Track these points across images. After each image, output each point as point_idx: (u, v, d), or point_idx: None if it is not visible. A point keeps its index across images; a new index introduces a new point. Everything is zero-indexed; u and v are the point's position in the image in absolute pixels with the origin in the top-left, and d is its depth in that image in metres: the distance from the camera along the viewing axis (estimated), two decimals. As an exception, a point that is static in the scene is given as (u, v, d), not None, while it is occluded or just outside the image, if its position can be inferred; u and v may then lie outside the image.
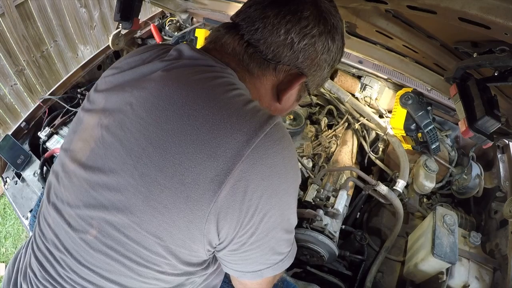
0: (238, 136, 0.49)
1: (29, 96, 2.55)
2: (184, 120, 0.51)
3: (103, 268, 0.57)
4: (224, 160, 0.49)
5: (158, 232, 0.52)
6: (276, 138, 0.52)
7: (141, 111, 0.54)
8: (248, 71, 0.62)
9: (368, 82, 1.51)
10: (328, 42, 0.63)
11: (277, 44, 0.59)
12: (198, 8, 1.82)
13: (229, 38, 0.62)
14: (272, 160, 0.51)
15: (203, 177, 0.49)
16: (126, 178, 0.52)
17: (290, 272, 1.16)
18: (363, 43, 1.20)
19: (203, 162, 0.49)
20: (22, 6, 2.21)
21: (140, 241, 0.54)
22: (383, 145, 1.50)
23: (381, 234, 1.32)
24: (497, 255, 1.08)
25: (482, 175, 1.30)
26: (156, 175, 0.50)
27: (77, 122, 0.65)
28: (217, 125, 0.50)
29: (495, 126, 0.73)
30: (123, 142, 0.53)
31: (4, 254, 2.23)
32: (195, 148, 0.49)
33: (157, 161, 0.50)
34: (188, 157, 0.49)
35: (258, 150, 0.50)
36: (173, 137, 0.50)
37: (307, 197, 1.18)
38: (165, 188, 0.50)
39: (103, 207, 0.54)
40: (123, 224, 0.53)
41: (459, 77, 0.79)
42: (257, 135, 0.50)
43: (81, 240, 0.57)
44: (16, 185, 1.35)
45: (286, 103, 0.69)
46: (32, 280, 0.63)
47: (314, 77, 0.67)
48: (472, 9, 0.58)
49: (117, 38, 1.66)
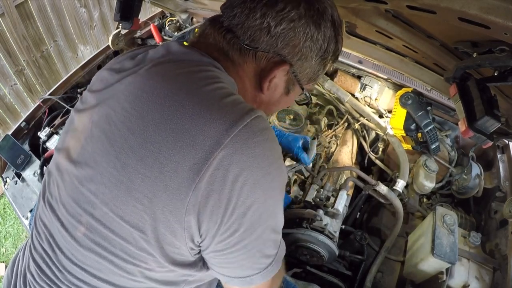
0: (218, 125, 0.49)
1: (29, 96, 2.54)
2: (165, 110, 0.51)
3: (94, 267, 0.57)
4: (203, 149, 0.48)
5: (140, 224, 0.51)
6: (257, 130, 0.51)
7: (125, 104, 0.54)
8: (230, 59, 0.61)
9: (368, 82, 1.51)
10: (310, 28, 0.58)
11: (254, 28, 0.58)
12: (198, 8, 1.82)
13: (211, 28, 0.62)
14: (252, 150, 0.49)
15: (182, 166, 0.48)
16: (109, 170, 0.52)
17: (290, 272, 1.16)
18: (363, 43, 1.20)
19: (182, 151, 0.48)
20: (22, 6, 2.20)
21: (125, 236, 0.53)
22: (383, 145, 1.50)
23: (381, 234, 1.32)
24: (497, 255, 1.08)
25: (482, 175, 1.30)
26: (136, 164, 0.50)
27: (70, 122, 0.65)
28: (197, 115, 0.50)
29: (495, 126, 0.73)
30: (108, 135, 0.54)
31: (4, 254, 2.23)
32: (174, 136, 0.49)
33: (138, 151, 0.50)
34: (168, 145, 0.49)
35: (238, 139, 0.49)
36: (153, 126, 0.51)
37: (307, 197, 1.18)
38: (146, 177, 0.50)
39: (90, 202, 0.54)
40: (108, 218, 0.53)
41: (458, 77, 0.79)
42: (237, 125, 0.49)
43: (72, 239, 0.56)
44: (16, 185, 1.35)
45: (271, 94, 0.66)
46: (31, 282, 0.63)
47: (302, 68, 0.63)
48: (472, 9, 0.58)
49: (117, 38, 1.66)
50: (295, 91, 0.69)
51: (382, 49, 1.19)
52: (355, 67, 1.52)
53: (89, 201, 0.54)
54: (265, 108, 0.70)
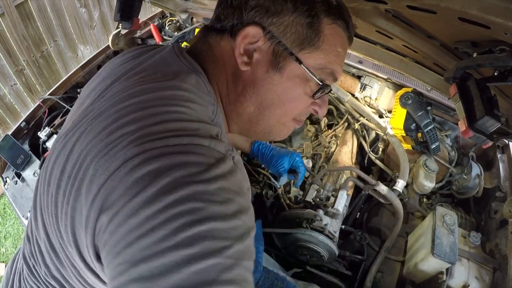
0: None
1: (29, 96, 2.55)
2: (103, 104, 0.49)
3: (62, 276, 0.54)
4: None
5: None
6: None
7: (88, 100, 0.56)
8: (212, 53, 0.59)
9: (368, 82, 1.51)
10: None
11: (222, 10, 0.57)
12: (198, 8, 1.81)
13: (201, 32, 0.63)
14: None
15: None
16: (55, 173, 0.50)
17: (290, 272, 1.16)
18: (363, 43, 1.20)
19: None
20: (22, 6, 2.21)
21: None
22: (383, 145, 1.50)
23: (381, 234, 1.32)
24: (497, 255, 1.08)
25: (482, 175, 1.30)
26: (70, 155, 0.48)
27: (65, 123, 0.66)
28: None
29: (495, 126, 0.73)
30: (66, 134, 0.52)
31: (4, 254, 2.23)
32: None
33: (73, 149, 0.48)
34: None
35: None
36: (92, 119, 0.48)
37: (307, 197, 1.18)
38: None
39: (49, 209, 0.51)
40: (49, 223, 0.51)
41: (458, 77, 0.79)
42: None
43: (40, 240, 0.55)
44: (16, 185, 1.35)
45: (254, 72, 0.56)
46: (23, 280, 0.63)
47: (280, 28, 0.52)
48: (472, 9, 0.58)
49: (117, 38, 1.66)
50: (290, 67, 0.55)
51: (382, 49, 1.19)
52: (355, 67, 1.52)
53: (48, 206, 0.51)
54: (252, 90, 0.57)
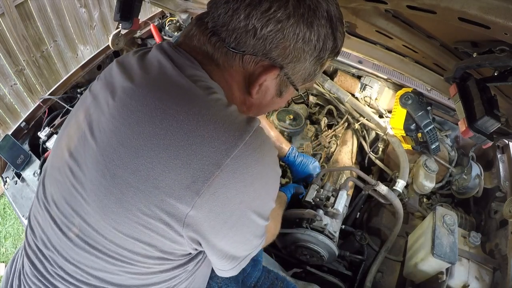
0: (216, 145, 0.48)
1: (29, 96, 2.54)
2: (156, 124, 0.49)
3: (88, 265, 0.57)
4: (200, 168, 0.48)
5: (135, 234, 0.52)
6: (256, 146, 0.50)
7: (114, 111, 0.53)
8: (215, 63, 0.57)
9: (368, 82, 1.51)
10: (301, 28, 0.53)
11: (239, 31, 0.53)
12: (198, 8, 1.81)
13: (196, 29, 0.58)
14: (253, 168, 0.50)
15: (178, 183, 0.48)
16: (98, 178, 0.52)
17: (290, 272, 1.16)
18: (363, 43, 1.20)
19: (178, 169, 0.48)
20: (22, 6, 2.20)
21: (120, 243, 0.53)
22: (383, 145, 1.50)
23: (381, 234, 1.32)
24: (497, 255, 1.08)
25: (482, 175, 1.30)
26: (128, 177, 0.50)
27: (67, 120, 0.65)
28: (192, 132, 0.48)
29: (494, 126, 0.73)
30: (98, 141, 0.53)
31: (4, 254, 2.23)
32: (168, 154, 0.48)
33: (129, 164, 0.50)
34: (162, 162, 0.48)
35: (238, 160, 0.48)
36: (145, 140, 0.49)
37: (307, 197, 1.18)
38: (139, 191, 0.49)
39: (82, 207, 0.54)
40: (99, 226, 0.53)
41: (458, 77, 0.79)
42: (236, 145, 0.48)
43: (66, 237, 0.57)
44: (16, 185, 1.35)
45: (262, 98, 0.62)
46: (24, 279, 0.64)
47: (295, 70, 0.59)
48: (472, 9, 0.58)
49: (117, 38, 1.66)
50: (289, 92, 0.65)
51: (382, 49, 1.19)
52: (355, 67, 1.52)
53: (81, 205, 0.54)
54: (256, 110, 0.66)
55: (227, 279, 0.90)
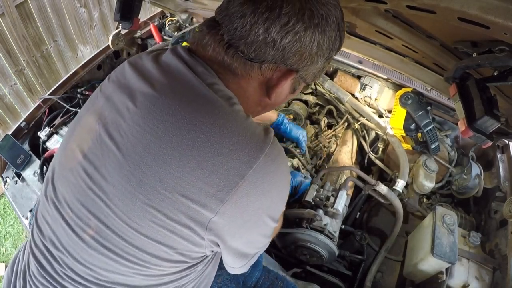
0: (240, 156, 0.52)
1: (29, 96, 2.54)
2: (184, 134, 0.52)
3: (101, 267, 0.58)
4: (226, 178, 0.52)
5: (159, 237, 0.54)
6: (274, 157, 0.55)
7: (137, 117, 0.54)
8: (231, 71, 0.59)
9: (368, 82, 1.51)
10: (316, 36, 0.57)
11: (258, 43, 0.55)
12: (198, 8, 1.81)
13: (210, 39, 0.58)
14: (271, 177, 0.55)
15: (205, 192, 0.52)
16: (123, 184, 0.53)
17: (290, 272, 1.16)
18: (363, 43, 1.20)
19: (204, 178, 0.51)
20: (22, 6, 2.20)
21: (141, 246, 0.55)
22: (383, 145, 1.50)
23: (381, 234, 1.32)
24: (497, 255, 1.08)
25: (482, 175, 1.30)
26: (155, 184, 0.52)
27: (77, 120, 0.65)
28: (218, 144, 0.52)
29: (494, 126, 0.73)
30: (120, 147, 0.54)
31: (4, 254, 2.23)
32: (196, 164, 0.51)
33: (157, 172, 0.52)
34: (189, 171, 0.51)
35: (259, 170, 0.53)
36: (172, 150, 0.52)
37: (306, 197, 1.18)
38: (166, 197, 0.52)
39: (101, 210, 0.55)
40: (121, 229, 0.54)
41: (458, 77, 0.79)
42: (258, 157, 0.53)
43: (79, 239, 0.57)
44: (16, 185, 1.35)
45: (277, 98, 0.67)
46: (30, 279, 0.64)
47: (308, 71, 0.63)
48: (472, 9, 0.58)
49: (117, 38, 1.66)
50: (300, 87, 0.70)
51: (382, 49, 1.19)
52: (355, 67, 1.52)
53: (100, 208, 0.55)
54: (270, 108, 0.71)
55: (227, 279, 0.90)
